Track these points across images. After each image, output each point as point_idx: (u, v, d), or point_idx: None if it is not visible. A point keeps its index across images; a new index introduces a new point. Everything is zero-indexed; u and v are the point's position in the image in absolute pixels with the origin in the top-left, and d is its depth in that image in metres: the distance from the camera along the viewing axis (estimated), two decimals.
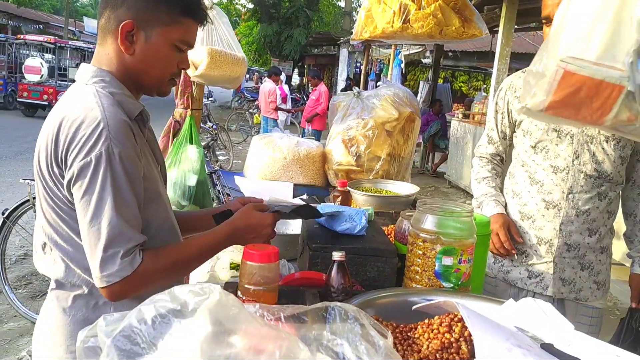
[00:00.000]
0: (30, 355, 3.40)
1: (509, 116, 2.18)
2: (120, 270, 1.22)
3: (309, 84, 11.88)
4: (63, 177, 1.27)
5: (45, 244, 1.37)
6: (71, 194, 1.27)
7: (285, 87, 12.77)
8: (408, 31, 3.30)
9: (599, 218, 2.01)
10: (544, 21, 1.89)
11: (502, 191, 2.25)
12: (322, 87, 10.62)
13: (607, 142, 1.94)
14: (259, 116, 13.06)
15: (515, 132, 2.18)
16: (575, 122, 1.44)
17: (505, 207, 2.17)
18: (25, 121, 14.54)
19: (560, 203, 2.00)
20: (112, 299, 1.27)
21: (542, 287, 2.05)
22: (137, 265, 1.23)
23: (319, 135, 10.39)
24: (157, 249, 1.32)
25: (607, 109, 1.33)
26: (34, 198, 3.88)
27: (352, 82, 15.44)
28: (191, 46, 1.44)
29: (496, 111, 2.23)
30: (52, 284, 1.39)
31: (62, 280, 1.36)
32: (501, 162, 2.33)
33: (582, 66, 1.32)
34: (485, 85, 18.82)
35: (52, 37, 18.04)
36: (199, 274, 1.94)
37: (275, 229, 1.51)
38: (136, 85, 1.41)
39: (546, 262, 2.04)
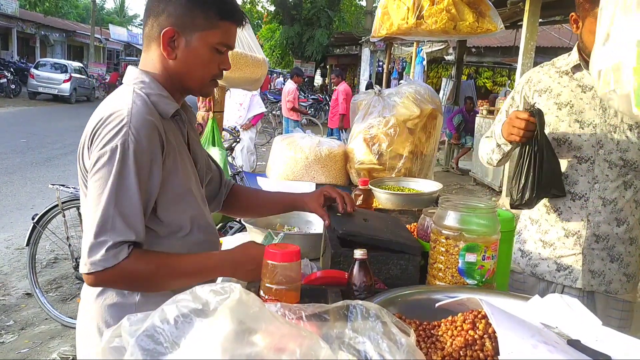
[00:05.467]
0: (60, 358, 3.46)
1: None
2: (103, 260, 1.25)
3: (332, 84, 11.75)
4: None
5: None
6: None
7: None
8: (422, 27, 3.27)
9: (626, 208, 1.98)
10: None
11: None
12: (340, 87, 10.64)
13: (630, 130, 1.93)
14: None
15: None
16: None
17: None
18: None
19: (586, 194, 1.98)
20: (91, 285, 1.32)
21: (572, 279, 2.03)
22: (121, 260, 1.26)
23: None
24: (148, 251, 1.35)
25: None
26: (63, 203, 3.99)
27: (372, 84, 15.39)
28: (231, 47, 1.49)
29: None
30: None
31: None
32: None
33: None
34: (510, 81, 18.60)
35: None
36: None
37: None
38: (180, 87, 1.49)
39: (574, 254, 2.02)
